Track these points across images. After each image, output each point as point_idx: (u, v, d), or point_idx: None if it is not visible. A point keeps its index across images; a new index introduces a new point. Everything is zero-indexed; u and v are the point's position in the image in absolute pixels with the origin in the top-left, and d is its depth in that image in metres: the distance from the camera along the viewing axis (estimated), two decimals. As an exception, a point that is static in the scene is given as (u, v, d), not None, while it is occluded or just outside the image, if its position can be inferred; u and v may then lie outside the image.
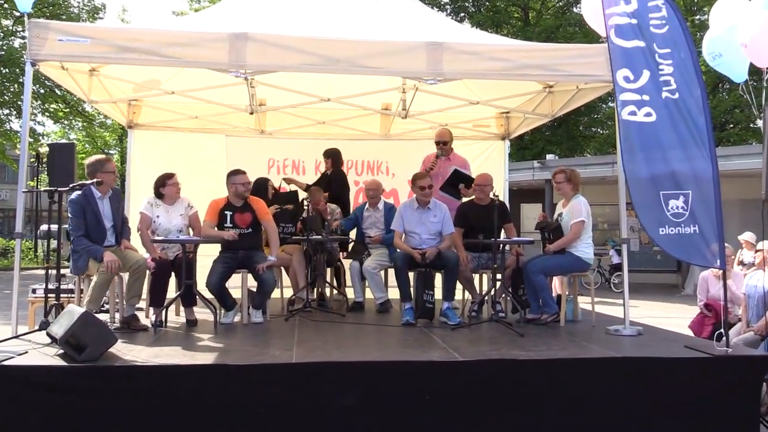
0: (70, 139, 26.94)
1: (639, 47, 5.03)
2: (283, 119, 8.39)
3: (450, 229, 6.32)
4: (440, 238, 6.29)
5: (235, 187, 6.06)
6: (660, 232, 4.85)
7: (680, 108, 4.94)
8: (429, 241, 6.25)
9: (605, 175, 15.79)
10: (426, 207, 6.32)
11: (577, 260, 5.93)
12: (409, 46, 5.33)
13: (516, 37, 19.08)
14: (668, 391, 4.34)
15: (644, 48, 5.03)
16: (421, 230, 6.29)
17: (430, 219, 6.30)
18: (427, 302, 5.94)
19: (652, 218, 4.85)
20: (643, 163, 4.90)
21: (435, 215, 6.32)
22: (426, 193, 6.30)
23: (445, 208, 6.42)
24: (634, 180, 4.87)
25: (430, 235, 6.27)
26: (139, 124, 8.13)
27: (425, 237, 6.27)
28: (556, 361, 4.44)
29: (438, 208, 6.36)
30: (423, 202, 6.32)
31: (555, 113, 7.27)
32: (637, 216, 4.87)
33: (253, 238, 6.13)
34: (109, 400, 3.93)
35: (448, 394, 4.19)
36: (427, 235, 6.27)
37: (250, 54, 5.10)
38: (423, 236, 6.28)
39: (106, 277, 5.22)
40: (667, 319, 9.78)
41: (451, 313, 5.98)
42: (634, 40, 5.04)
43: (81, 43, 4.93)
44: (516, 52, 5.49)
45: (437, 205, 6.38)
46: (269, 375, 4.13)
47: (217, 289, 5.85)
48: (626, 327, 5.46)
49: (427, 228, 6.28)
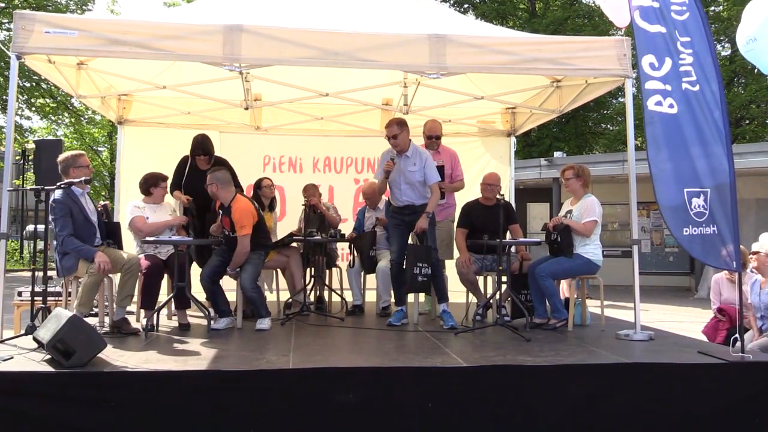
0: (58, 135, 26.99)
1: (661, 33, 5.00)
2: (280, 115, 8.40)
3: (434, 178, 6.00)
4: (425, 189, 6.03)
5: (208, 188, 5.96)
6: (684, 233, 4.82)
7: (699, 101, 4.90)
8: (409, 193, 5.99)
9: (615, 174, 15.78)
10: (403, 155, 5.99)
11: (587, 263, 5.93)
12: (410, 39, 5.33)
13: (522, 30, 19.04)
14: (681, 399, 4.33)
15: (666, 34, 4.99)
16: (400, 179, 6.01)
17: (409, 168, 5.96)
18: (420, 275, 5.82)
19: (678, 218, 4.81)
20: (668, 159, 4.85)
21: (414, 163, 5.96)
22: (394, 143, 5.95)
23: (427, 154, 6.09)
24: (661, 176, 4.82)
25: (410, 185, 5.99)
26: (129, 120, 8.14)
27: (404, 187, 6.00)
28: (564, 367, 4.42)
29: (418, 155, 6.00)
30: (399, 150, 6.00)
31: (563, 109, 7.25)
32: (662, 215, 4.83)
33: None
34: (98, 408, 3.92)
35: (451, 401, 4.18)
36: (406, 184, 5.99)
37: (245, 47, 5.11)
38: (402, 186, 6.00)
39: (97, 278, 5.22)
40: (679, 324, 9.77)
41: (447, 316, 5.96)
42: (656, 25, 5.01)
43: (68, 35, 4.94)
44: (522, 45, 5.49)
45: (417, 152, 6.03)
46: (265, 381, 4.12)
47: (208, 283, 5.84)
48: (637, 332, 5.45)
49: (405, 177, 5.99)
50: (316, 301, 7.21)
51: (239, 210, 5.81)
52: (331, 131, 8.67)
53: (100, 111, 8.40)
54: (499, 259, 5.83)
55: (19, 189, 10.08)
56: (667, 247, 17.81)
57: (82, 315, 4.85)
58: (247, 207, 5.87)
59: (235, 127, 8.44)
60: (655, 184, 4.80)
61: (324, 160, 8.84)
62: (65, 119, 26.10)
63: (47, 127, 27.66)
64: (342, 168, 8.89)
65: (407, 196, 6.04)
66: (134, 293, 5.64)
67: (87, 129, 27.80)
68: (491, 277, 6.55)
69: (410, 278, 5.85)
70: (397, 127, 5.94)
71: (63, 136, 26.64)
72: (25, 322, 5.20)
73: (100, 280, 5.31)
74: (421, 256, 5.87)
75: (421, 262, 5.85)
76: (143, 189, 6.17)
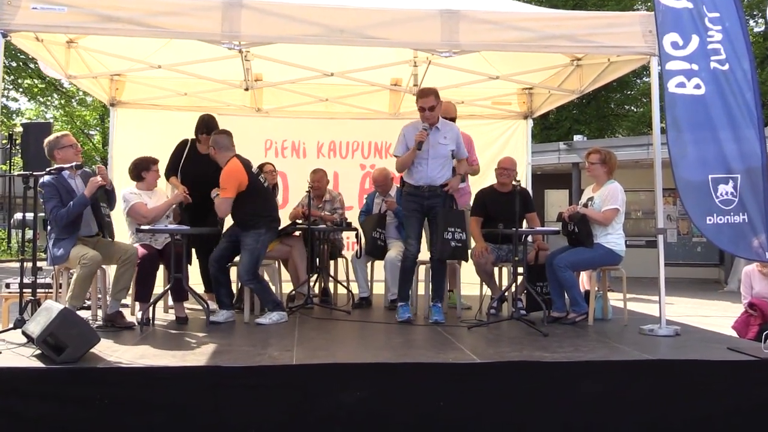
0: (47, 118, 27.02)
1: (688, 8, 4.95)
2: (282, 96, 8.39)
3: (464, 153, 6.06)
4: (451, 165, 5.99)
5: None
6: (707, 222, 4.80)
7: (729, 81, 4.87)
8: (436, 169, 5.89)
9: (639, 158, 15.72)
10: (433, 127, 5.88)
11: (609, 253, 5.92)
12: (421, 15, 5.31)
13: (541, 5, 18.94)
14: (709, 398, 4.33)
15: (692, 10, 4.95)
16: (427, 154, 5.87)
17: (440, 141, 5.89)
18: (452, 240, 5.76)
19: (700, 205, 4.80)
20: (691, 142, 4.83)
21: (445, 136, 5.91)
22: (427, 115, 5.82)
23: (457, 129, 6.09)
24: (681, 162, 4.80)
25: (437, 160, 5.90)
26: (122, 102, 8.15)
27: (432, 163, 5.87)
28: (584, 364, 4.43)
29: (449, 128, 5.98)
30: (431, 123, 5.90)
31: (583, 89, 7.23)
32: (682, 203, 4.82)
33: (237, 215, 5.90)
34: (91, 406, 3.94)
35: (464, 399, 4.19)
36: (433, 159, 5.87)
37: (245, 24, 5.09)
38: (430, 162, 5.87)
39: (90, 269, 5.24)
40: (707, 318, 9.76)
41: (435, 309, 5.94)
42: (682, 0, 4.96)
43: (57, 11, 4.93)
44: (540, 21, 5.46)
45: (446, 125, 6.00)
46: (267, 378, 4.14)
47: (215, 269, 5.85)
48: (662, 326, 5.45)
49: (435, 151, 5.88)
50: (320, 294, 7.23)
51: (225, 171, 5.73)
52: (336, 113, 8.66)
53: (92, 92, 8.42)
54: (515, 248, 5.83)
55: (6, 175, 10.12)
56: (694, 236, 17.72)
57: (74, 308, 4.89)
58: (234, 168, 5.74)
59: (234, 109, 8.44)
60: (675, 170, 4.78)
61: (329, 144, 8.83)
62: (54, 101, 26.15)
63: (35, 109, 27.69)
64: (348, 153, 8.89)
65: (432, 172, 5.91)
66: (130, 286, 5.67)
67: (78, 111, 27.85)
68: (506, 269, 6.56)
69: (441, 245, 5.79)
70: (435, 98, 5.83)
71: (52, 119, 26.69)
72: (13, 315, 5.24)
73: (94, 271, 5.33)
74: (453, 220, 5.82)
75: (453, 227, 5.79)
76: (134, 175, 6.18)
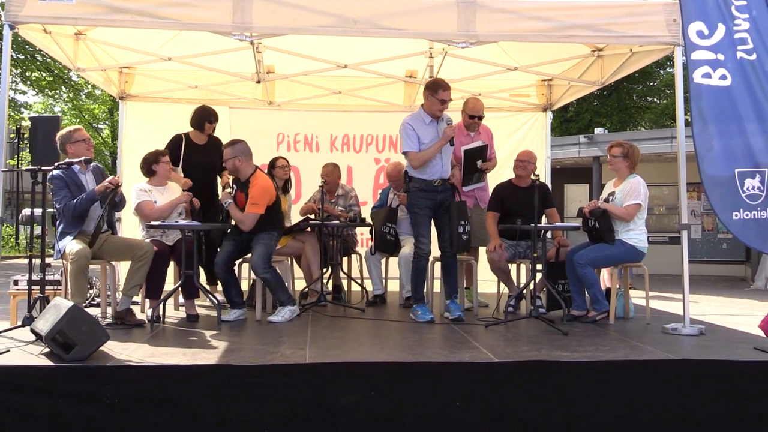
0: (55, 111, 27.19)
1: None
2: (294, 89, 8.40)
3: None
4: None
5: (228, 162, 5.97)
6: (734, 217, 4.76)
7: (757, 71, 4.83)
8: (447, 161, 5.95)
9: (662, 152, 15.62)
10: (439, 120, 5.91)
11: (631, 249, 5.88)
12: (437, 4, 5.30)
13: (560, -6, 18.88)
14: (734, 399, 4.29)
15: None
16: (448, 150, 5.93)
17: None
18: (463, 233, 5.94)
19: (725, 200, 4.76)
20: (717, 135, 4.79)
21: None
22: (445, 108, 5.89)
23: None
24: (706, 155, 4.76)
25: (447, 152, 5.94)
26: (131, 95, 8.19)
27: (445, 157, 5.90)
28: (605, 363, 4.41)
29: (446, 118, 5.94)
30: (435, 116, 5.90)
31: (605, 80, 7.20)
32: (707, 198, 4.78)
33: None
34: (100, 404, 3.96)
35: (481, 399, 4.18)
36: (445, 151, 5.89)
37: (257, 14, 5.10)
38: (444, 156, 5.89)
39: (77, 264, 5.19)
40: (733, 317, 9.69)
41: (453, 306, 5.95)
42: None
43: (65, 3, 4.96)
44: (560, 10, 5.42)
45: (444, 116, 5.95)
46: (279, 377, 4.15)
47: (222, 271, 5.88)
48: (686, 325, 5.42)
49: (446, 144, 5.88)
50: (333, 291, 7.23)
51: (258, 186, 5.81)
52: (349, 106, 8.66)
53: (101, 85, 8.47)
54: (533, 245, 5.79)
55: (14, 170, 10.17)
56: (720, 233, 17.59)
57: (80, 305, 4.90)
58: (267, 185, 5.89)
59: (246, 102, 8.47)
60: (701, 163, 4.74)
61: (342, 138, 8.84)
62: (63, 94, 26.28)
63: (43, 102, 27.86)
64: (362, 147, 8.89)
65: (446, 166, 5.94)
66: (143, 283, 5.69)
67: (86, 105, 28.01)
68: (525, 265, 6.53)
69: (456, 237, 5.88)
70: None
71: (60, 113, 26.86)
72: (21, 312, 5.26)
73: (83, 265, 5.25)
74: (462, 213, 5.99)
75: (463, 219, 5.96)
76: (145, 170, 6.20)
